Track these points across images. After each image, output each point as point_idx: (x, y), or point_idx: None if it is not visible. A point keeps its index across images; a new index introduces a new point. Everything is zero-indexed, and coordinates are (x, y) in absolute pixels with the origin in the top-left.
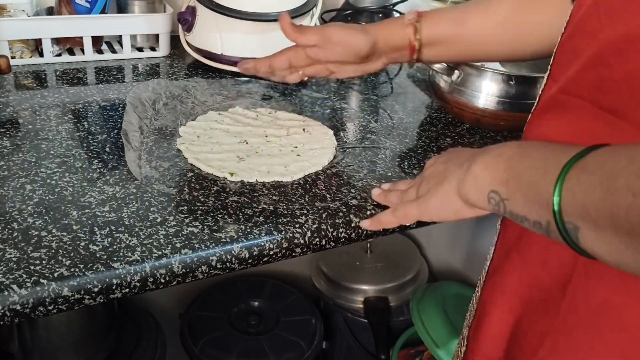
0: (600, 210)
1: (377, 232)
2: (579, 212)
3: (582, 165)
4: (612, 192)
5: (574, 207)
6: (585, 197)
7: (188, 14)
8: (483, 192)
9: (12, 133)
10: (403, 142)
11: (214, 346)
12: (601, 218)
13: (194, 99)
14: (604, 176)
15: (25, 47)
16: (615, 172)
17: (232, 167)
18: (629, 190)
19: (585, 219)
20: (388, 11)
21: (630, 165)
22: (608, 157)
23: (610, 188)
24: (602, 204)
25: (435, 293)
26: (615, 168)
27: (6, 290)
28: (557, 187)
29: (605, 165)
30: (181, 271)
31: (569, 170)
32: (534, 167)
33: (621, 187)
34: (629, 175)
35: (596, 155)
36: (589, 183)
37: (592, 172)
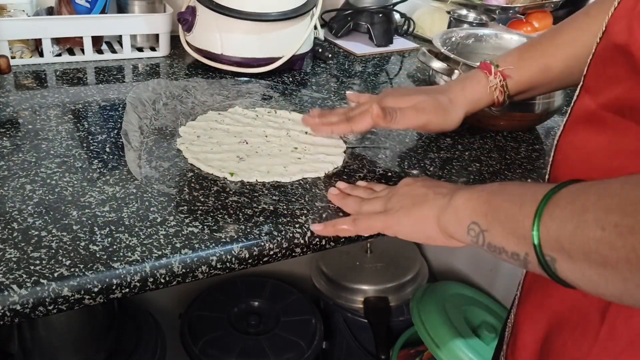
0: (573, 244)
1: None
2: (554, 245)
3: (556, 200)
4: (582, 227)
5: (549, 241)
6: (559, 232)
7: (188, 14)
8: (463, 224)
9: (12, 133)
10: (403, 142)
11: (214, 346)
12: (574, 250)
13: (194, 99)
14: (575, 211)
15: (25, 47)
16: (584, 207)
17: (232, 167)
18: (598, 225)
19: (560, 252)
20: (388, 11)
21: (598, 201)
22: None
23: (580, 222)
24: (574, 237)
25: (435, 293)
26: (585, 204)
27: (6, 290)
28: (536, 221)
29: (576, 201)
30: (181, 271)
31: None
32: (512, 201)
33: (590, 221)
34: (597, 210)
35: (568, 191)
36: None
37: (564, 207)
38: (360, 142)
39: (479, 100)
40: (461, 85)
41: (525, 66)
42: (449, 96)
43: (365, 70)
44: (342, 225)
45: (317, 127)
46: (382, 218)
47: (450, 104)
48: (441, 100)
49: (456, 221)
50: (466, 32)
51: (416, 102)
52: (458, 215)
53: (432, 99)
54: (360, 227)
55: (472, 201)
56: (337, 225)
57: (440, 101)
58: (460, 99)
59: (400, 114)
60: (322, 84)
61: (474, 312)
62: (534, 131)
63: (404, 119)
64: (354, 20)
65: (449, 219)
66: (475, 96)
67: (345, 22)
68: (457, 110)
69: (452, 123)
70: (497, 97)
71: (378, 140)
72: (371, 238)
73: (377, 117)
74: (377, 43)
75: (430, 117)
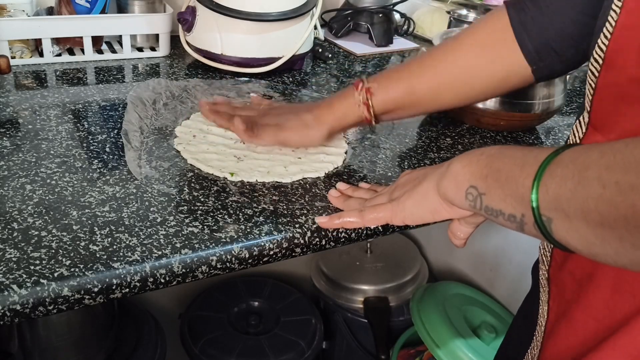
0: (571, 202)
1: (377, 231)
2: (552, 205)
3: (558, 160)
4: (582, 184)
5: (547, 200)
6: (559, 190)
7: (188, 14)
8: (462, 188)
9: (12, 133)
10: (403, 142)
11: (214, 346)
12: (572, 209)
13: (194, 99)
14: (576, 169)
15: (25, 47)
16: (586, 164)
17: (232, 167)
18: (599, 182)
19: (558, 211)
20: (388, 11)
21: (600, 159)
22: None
23: (582, 180)
24: (574, 195)
25: (435, 293)
26: (587, 161)
27: (6, 290)
28: (536, 181)
29: (578, 159)
30: (181, 271)
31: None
32: (513, 163)
33: (591, 179)
34: (599, 167)
35: (571, 151)
36: (562, 176)
37: (565, 166)
38: (360, 142)
39: (344, 117)
40: (329, 102)
41: (392, 85)
42: (314, 113)
43: (365, 70)
44: (348, 218)
45: (204, 112)
46: (388, 207)
47: (314, 121)
48: (305, 119)
49: (455, 186)
50: None
51: (282, 121)
52: (457, 179)
53: (296, 117)
54: (367, 219)
55: (471, 165)
56: (342, 217)
57: (304, 119)
58: (325, 117)
59: (262, 131)
60: (322, 84)
61: (474, 312)
62: (534, 131)
63: (264, 136)
64: (354, 20)
65: (447, 184)
66: (341, 111)
67: (345, 22)
68: (318, 129)
69: (313, 140)
70: (364, 112)
71: (378, 140)
72: (371, 238)
73: (237, 130)
74: (377, 43)
75: (288, 135)
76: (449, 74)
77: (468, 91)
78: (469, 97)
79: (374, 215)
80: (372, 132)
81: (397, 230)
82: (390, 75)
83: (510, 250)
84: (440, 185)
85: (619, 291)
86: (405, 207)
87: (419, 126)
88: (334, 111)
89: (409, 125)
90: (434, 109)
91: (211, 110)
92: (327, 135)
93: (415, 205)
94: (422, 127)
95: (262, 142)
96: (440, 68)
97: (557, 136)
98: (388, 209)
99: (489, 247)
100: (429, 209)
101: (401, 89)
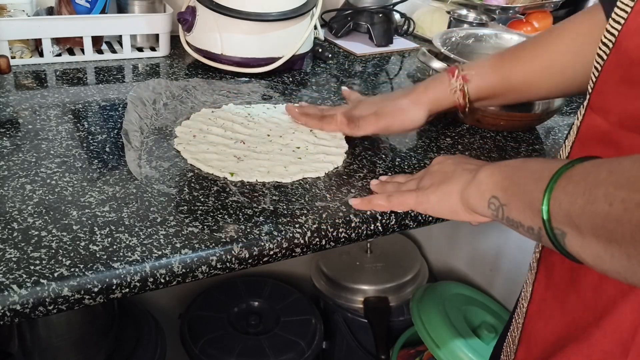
0: (582, 218)
1: (377, 231)
2: (564, 219)
3: (569, 175)
4: (591, 202)
5: (560, 215)
6: (570, 206)
7: (188, 14)
8: (484, 198)
9: (12, 133)
10: (403, 142)
11: (214, 346)
12: (583, 225)
13: (194, 99)
14: (587, 186)
15: (25, 47)
16: (595, 182)
17: (232, 167)
18: (607, 200)
19: (570, 226)
20: (388, 11)
21: (609, 177)
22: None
23: (590, 198)
24: (583, 212)
25: (435, 293)
26: (597, 179)
27: (6, 290)
28: (546, 195)
29: (589, 176)
30: (181, 271)
31: (558, 179)
32: (530, 176)
33: (600, 197)
34: (607, 185)
35: (582, 167)
36: (572, 192)
37: (577, 182)
38: (360, 142)
39: (440, 100)
40: (425, 86)
41: (488, 74)
42: (410, 98)
43: (365, 70)
44: (378, 201)
45: (294, 115)
46: (414, 195)
47: (410, 105)
48: (401, 104)
49: (478, 195)
50: (466, 32)
51: (377, 108)
52: (480, 189)
53: (392, 103)
54: (394, 203)
55: (494, 176)
56: (372, 200)
57: (400, 104)
58: (422, 99)
59: (363, 122)
60: (322, 84)
61: (474, 312)
62: (534, 131)
63: (366, 126)
64: (354, 20)
65: (471, 192)
66: (437, 95)
67: (345, 22)
68: (417, 110)
69: (413, 123)
70: (459, 99)
71: (378, 140)
72: (371, 238)
73: (341, 124)
74: (377, 43)
75: (389, 121)
76: (547, 62)
77: (563, 83)
78: (564, 88)
79: (400, 200)
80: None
81: (397, 230)
82: (486, 63)
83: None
84: (465, 192)
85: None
86: (429, 200)
87: None
88: (429, 94)
89: None
90: (527, 98)
91: (301, 112)
92: (426, 116)
93: (438, 202)
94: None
95: (364, 132)
96: (539, 57)
97: (557, 136)
98: (413, 197)
99: (488, 247)
100: (450, 209)
101: (497, 76)
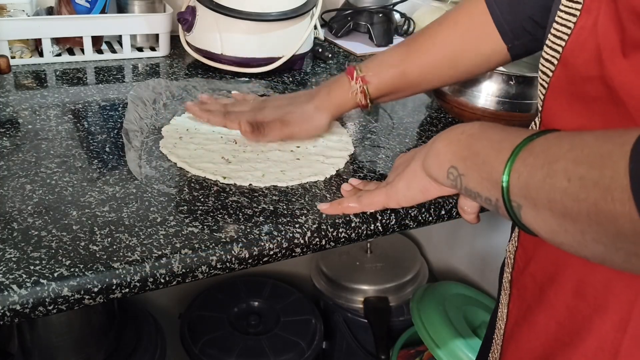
0: (539, 192)
1: (377, 231)
2: (522, 192)
3: (531, 147)
4: (550, 176)
5: (518, 187)
6: (529, 179)
7: (188, 14)
8: (443, 167)
9: (12, 133)
10: (403, 142)
11: (214, 346)
12: (540, 199)
13: (194, 99)
14: (546, 160)
15: (25, 47)
16: (556, 156)
17: (224, 170)
18: (565, 175)
19: (527, 198)
20: (388, 11)
21: (570, 152)
22: (553, 142)
23: (550, 171)
24: (542, 185)
25: (435, 293)
26: (557, 153)
27: (6, 290)
28: (507, 167)
29: (550, 149)
30: (181, 271)
31: (519, 152)
32: (490, 147)
33: (559, 171)
34: (567, 160)
35: (545, 139)
36: (533, 165)
37: (537, 155)
38: (360, 142)
39: (343, 104)
40: (327, 90)
41: (385, 72)
42: (315, 103)
43: None
44: (348, 203)
45: (195, 113)
46: (383, 191)
47: (315, 111)
48: (306, 110)
49: (438, 164)
50: None
51: (283, 114)
52: (439, 158)
53: (298, 109)
54: (364, 203)
55: (452, 145)
56: (342, 203)
57: (306, 110)
58: (326, 104)
59: (268, 128)
60: (322, 83)
61: (474, 312)
62: None
63: (271, 133)
64: (354, 20)
65: (431, 162)
66: (339, 100)
67: (345, 22)
68: (321, 117)
69: (317, 130)
70: (360, 100)
71: (378, 140)
72: (371, 238)
73: (245, 132)
74: (377, 43)
75: (294, 130)
76: (436, 57)
77: (453, 73)
78: (454, 77)
79: (370, 199)
80: (372, 133)
81: (397, 230)
82: (381, 60)
83: None
84: (425, 163)
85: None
86: (397, 189)
87: (419, 126)
88: (332, 99)
89: (409, 125)
90: (424, 89)
91: (202, 110)
92: (329, 121)
93: (406, 186)
94: (422, 127)
95: (269, 139)
96: (428, 52)
97: None
98: (383, 193)
99: (489, 247)
100: (419, 189)
101: (394, 74)
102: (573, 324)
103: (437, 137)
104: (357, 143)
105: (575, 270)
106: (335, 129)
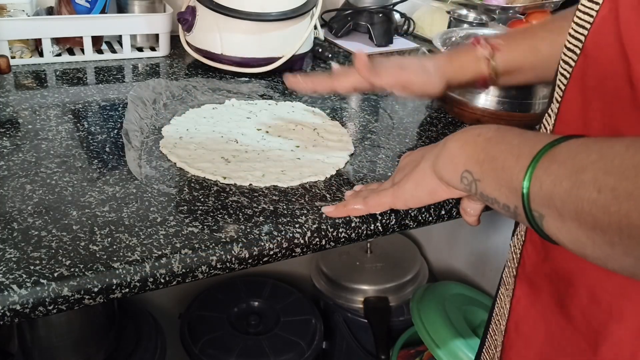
0: (565, 202)
1: (377, 231)
2: (545, 201)
3: (553, 154)
4: (578, 186)
5: (540, 197)
6: (553, 188)
7: (188, 14)
8: (457, 171)
9: (12, 133)
10: (403, 142)
11: (214, 346)
12: (566, 210)
13: (194, 99)
14: (573, 169)
15: (25, 47)
16: (583, 165)
17: (223, 170)
18: (595, 186)
19: (550, 208)
20: (388, 11)
21: (599, 161)
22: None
23: (577, 182)
24: (568, 196)
25: (435, 293)
26: (585, 162)
27: (6, 290)
28: (527, 174)
29: (575, 157)
30: (181, 271)
31: (540, 159)
32: (509, 151)
33: (588, 182)
34: (596, 170)
35: (568, 145)
36: (557, 174)
37: (562, 163)
38: (360, 142)
39: (462, 71)
40: (449, 54)
41: (515, 44)
42: (435, 62)
43: None
44: (354, 205)
45: (297, 84)
46: (390, 192)
47: (434, 69)
48: (426, 64)
49: (451, 167)
50: (466, 32)
51: (402, 62)
52: (453, 161)
53: (417, 61)
54: (371, 205)
55: (467, 147)
56: (348, 205)
57: (425, 64)
58: (445, 66)
59: (384, 69)
60: None
61: (474, 312)
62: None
63: (387, 76)
64: (354, 20)
65: (443, 164)
66: (459, 65)
67: (345, 22)
68: (439, 76)
69: (435, 88)
70: (484, 71)
71: (378, 140)
72: (371, 238)
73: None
74: (377, 43)
75: (411, 76)
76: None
77: None
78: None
79: (377, 200)
80: (372, 133)
81: (397, 230)
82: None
83: None
84: (436, 165)
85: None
86: (405, 190)
87: (419, 126)
88: (453, 62)
89: (409, 125)
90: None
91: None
92: (445, 87)
93: (414, 187)
94: (422, 127)
95: (384, 81)
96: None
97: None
98: (389, 194)
99: (489, 247)
100: (427, 191)
101: (524, 47)
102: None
103: (450, 138)
104: (357, 143)
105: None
106: (335, 129)
